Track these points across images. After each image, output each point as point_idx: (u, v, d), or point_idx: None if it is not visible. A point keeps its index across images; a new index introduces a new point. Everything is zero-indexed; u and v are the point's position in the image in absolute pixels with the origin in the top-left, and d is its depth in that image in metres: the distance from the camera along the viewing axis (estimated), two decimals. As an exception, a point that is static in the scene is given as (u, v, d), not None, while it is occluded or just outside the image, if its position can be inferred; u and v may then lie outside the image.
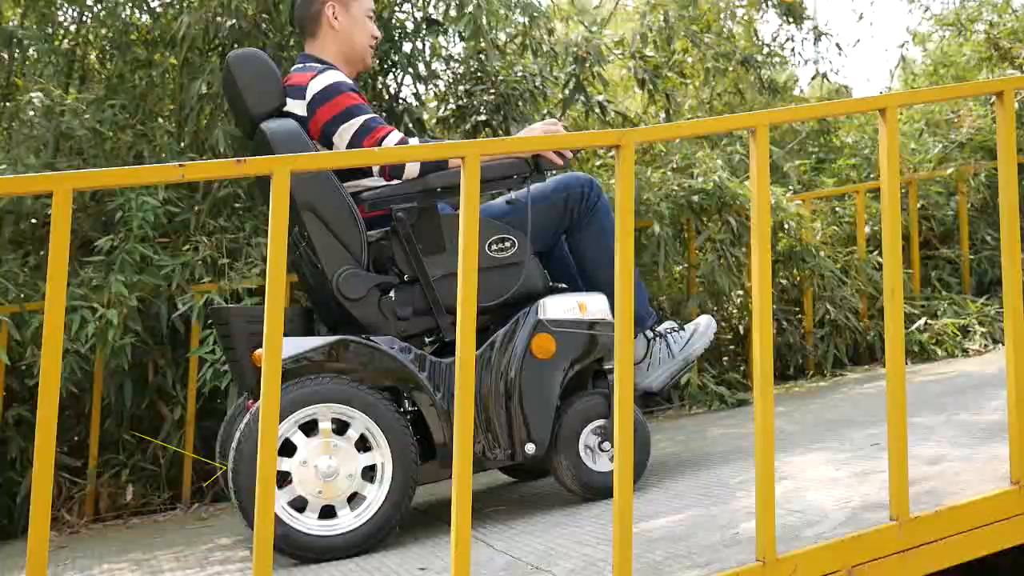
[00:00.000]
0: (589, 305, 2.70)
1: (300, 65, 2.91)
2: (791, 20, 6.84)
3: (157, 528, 3.56)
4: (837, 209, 5.61)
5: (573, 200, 2.85)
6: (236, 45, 4.13)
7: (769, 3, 6.70)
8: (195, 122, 4.32)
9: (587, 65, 4.82)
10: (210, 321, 3.53)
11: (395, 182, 2.70)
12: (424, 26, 4.65)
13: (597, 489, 2.61)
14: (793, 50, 7.07)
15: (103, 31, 4.72)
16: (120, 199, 3.80)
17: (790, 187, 5.67)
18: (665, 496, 2.57)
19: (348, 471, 2.46)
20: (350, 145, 2.74)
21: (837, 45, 6.99)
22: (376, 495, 2.48)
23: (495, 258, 2.72)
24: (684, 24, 5.82)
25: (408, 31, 4.66)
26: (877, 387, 3.90)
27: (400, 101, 4.70)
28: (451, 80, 4.87)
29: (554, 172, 2.92)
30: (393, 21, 4.61)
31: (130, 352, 3.71)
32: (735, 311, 4.99)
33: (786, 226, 4.75)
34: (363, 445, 2.49)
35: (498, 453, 2.60)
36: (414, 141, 2.89)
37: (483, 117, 4.58)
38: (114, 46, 4.63)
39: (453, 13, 4.50)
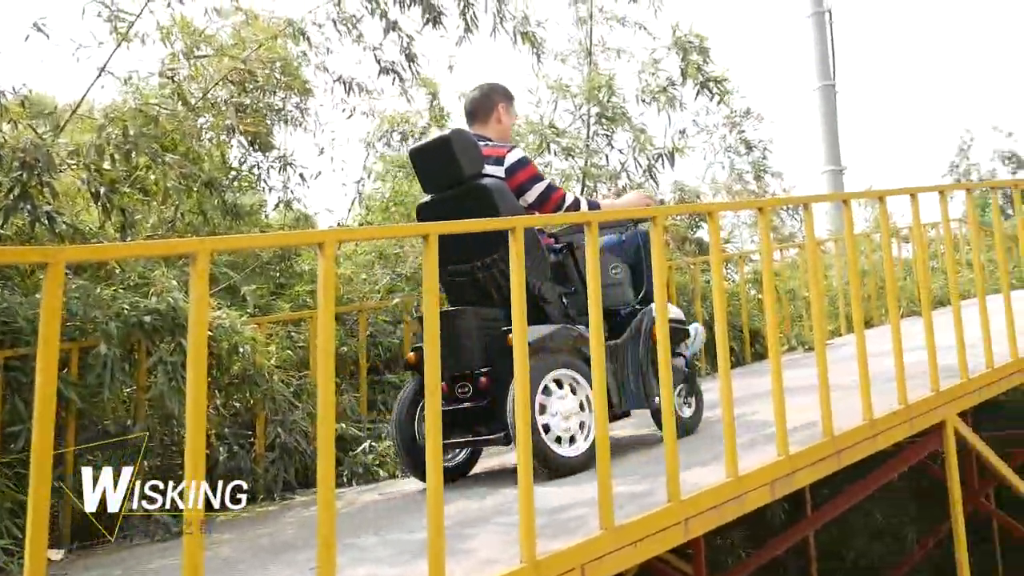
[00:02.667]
0: (672, 310, 4.16)
1: (485, 143, 4.14)
2: (257, 148, 7.04)
3: None
4: (293, 334, 5.76)
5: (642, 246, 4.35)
6: None
7: (235, 130, 6.82)
8: None
9: (35, 172, 4.50)
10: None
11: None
12: None
13: (684, 427, 4.19)
14: (259, 176, 7.20)
15: None
16: None
17: (247, 310, 5.72)
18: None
19: (575, 411, 3.72)
20: (538, 199, 4.06)
21: (301, 175, 7.27)
22: (590, 425, 3.69)
23: (613, 277, 4.24)
24: (147, 141, 5.70)
25: None
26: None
27: None
28: None
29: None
30: None
31: None
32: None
33: (240, 349, 4.77)
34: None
35: (635, 404, 4.10)
36: (583, 200, 4.16)
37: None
38: None
39: None
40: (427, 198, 4.21)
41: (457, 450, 4.20)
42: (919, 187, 4.84)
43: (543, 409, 3.63)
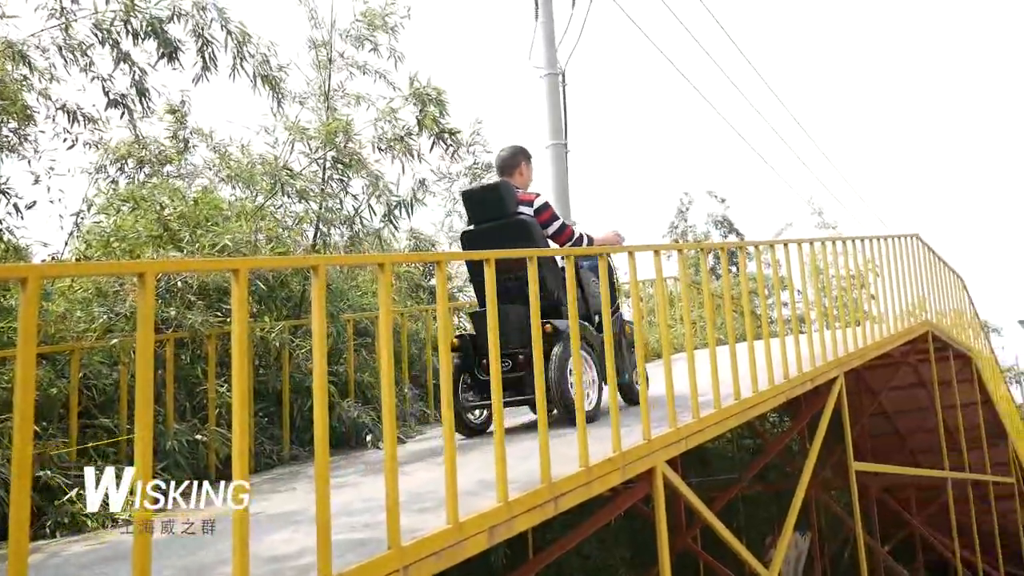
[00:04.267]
0: (627, 315, 6.22)
1: (517, 190, 5.73)
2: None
3: None
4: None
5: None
6: None
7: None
8: None
9: None
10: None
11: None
12: None
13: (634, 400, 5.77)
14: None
15: None
16: None
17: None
18: None
19: (592, 375, 5.39)
20: (555, 232, 5.65)
21: (16, 206, 6.72)
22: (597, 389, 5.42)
23: (596, 289, 5.77)
24: None
25: None
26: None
27: None
28: None
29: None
30: None
31: None
32: None
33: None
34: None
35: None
36: (585, 236, 5.74)
37: None
38: None
39: None
40: (471, 228, 5.80)
41: (484, 411, 5.78)
42: (637, 246, 5.17)
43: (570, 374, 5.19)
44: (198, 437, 5.59)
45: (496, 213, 5.59)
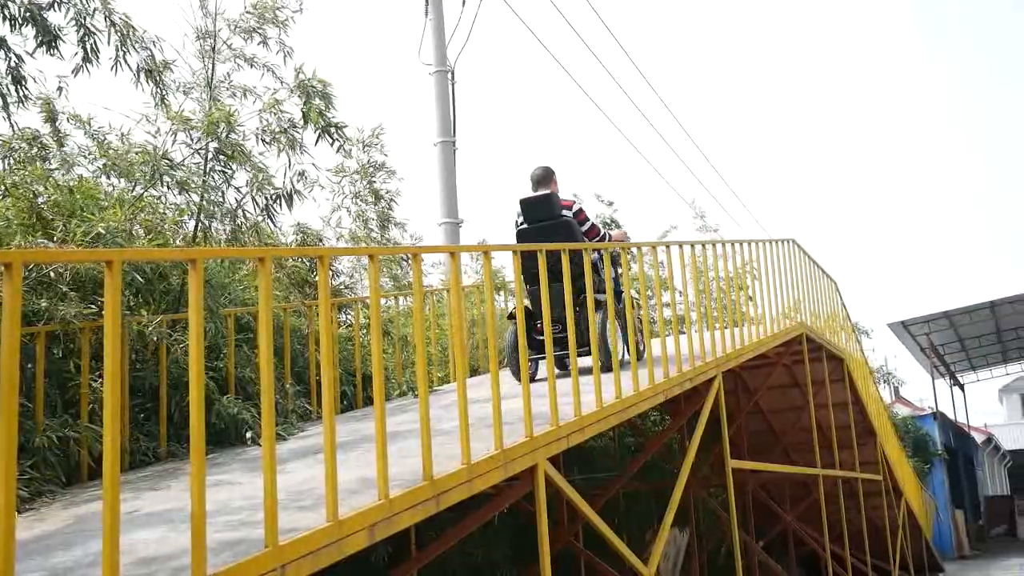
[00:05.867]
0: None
1: (558, 197, 7.50)
2: None
3: None
4: None
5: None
6: None
7: None
8: None
9: None
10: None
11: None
12: None
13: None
14: None
15: None
16: None
17: None
18: None
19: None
20: (587, 230, 7.39)
21: None
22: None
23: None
24: None
25: None
26: None
27: None
28: None
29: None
30: None
31: None
32: None
33: None
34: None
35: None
36: (607, 233, 7.74)
37: None
38: None
39: None
40: (524, 225, 7.45)
41: (536, 365, 7.37)
42: (522, 245, 5.22)
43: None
44: (70, 434, 5.40)
45: (546, 215, 7.38)
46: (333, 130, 7.54)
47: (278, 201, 7.38)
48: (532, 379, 6.96)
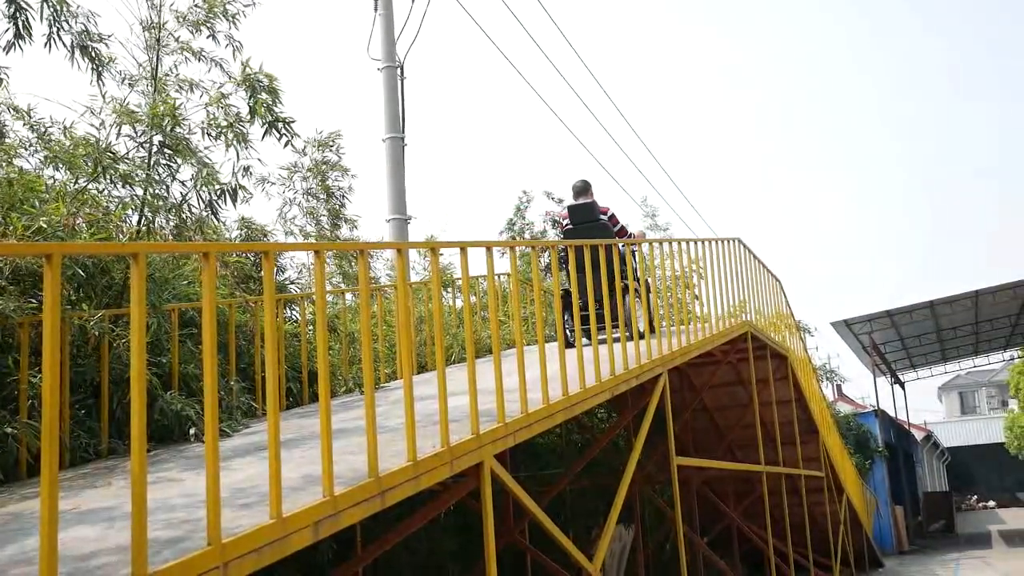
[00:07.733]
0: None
1: (597, 204, 9.51)
2: None
3: None
4: None
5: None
6: None
7: None
8: None
9: None
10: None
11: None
12: None
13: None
14: None
15: None
16: None
17: None
18: None
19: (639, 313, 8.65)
20: (619, 230, 9.51)
21: None
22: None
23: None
24: None
25: None
26: None
27: None
28: None
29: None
30: None
31: None
32: None
33: None
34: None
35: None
36: (632, 232, 9.94)
37: None
38: None
39: None
40: (570, 226, 9.38)
41: (586, 339, 8.48)
42: (470, 241, 5.21)
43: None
44: (8, 430, 5.30)
45: (588, 218, 9.31)
46: (281, 125, 7.45)
47: (223, 196, 7.27)
48: (572, 345, 8.47)
